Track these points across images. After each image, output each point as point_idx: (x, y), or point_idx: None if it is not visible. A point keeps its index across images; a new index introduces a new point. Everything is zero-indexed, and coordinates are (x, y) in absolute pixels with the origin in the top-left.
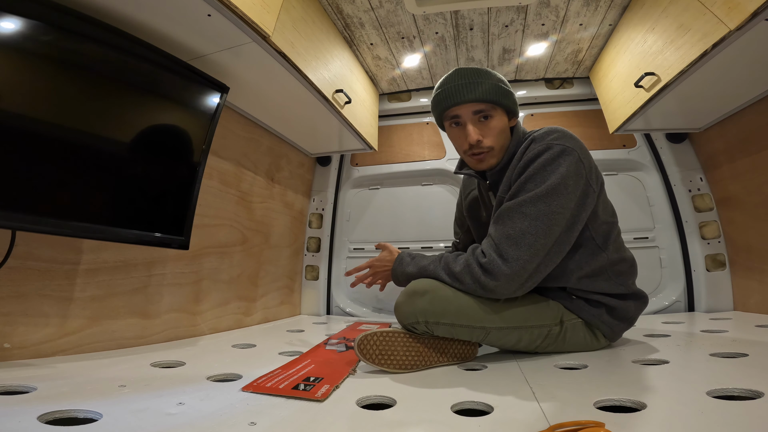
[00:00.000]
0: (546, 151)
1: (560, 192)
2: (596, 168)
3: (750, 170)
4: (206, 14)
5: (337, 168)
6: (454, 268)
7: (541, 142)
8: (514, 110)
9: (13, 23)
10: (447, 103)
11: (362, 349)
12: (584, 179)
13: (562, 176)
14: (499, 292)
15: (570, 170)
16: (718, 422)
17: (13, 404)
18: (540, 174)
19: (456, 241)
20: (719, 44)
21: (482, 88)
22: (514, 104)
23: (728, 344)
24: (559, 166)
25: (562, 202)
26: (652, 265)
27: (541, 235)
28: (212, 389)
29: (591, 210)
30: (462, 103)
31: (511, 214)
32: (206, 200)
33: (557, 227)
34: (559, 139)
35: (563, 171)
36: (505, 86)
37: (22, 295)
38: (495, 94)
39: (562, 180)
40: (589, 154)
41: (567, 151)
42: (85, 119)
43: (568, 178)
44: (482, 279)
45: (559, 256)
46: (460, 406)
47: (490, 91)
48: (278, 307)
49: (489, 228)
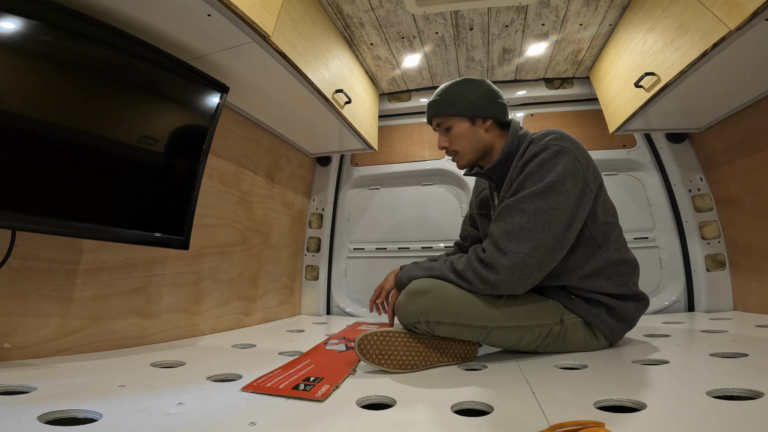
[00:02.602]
0: (543, 151)
1: (557, 189)
2: (595, 168)
3: (750, 170)
4: (206, 14)
5: (337, 168)
6: (458, 266)
7: (539, 143)
8: (470, 114)
9: (13, 23)
10: (427, 117)
11: (362, 349)
12: (581, 178)
13: (559, 174)
14: (500, 286)
15: (567, 169)
16: (718, 422)
17: (13, 404)
18: (537, 172)
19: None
20: (719, 44)
21: (435, 106)
22: (467, 108)
23: (728, 344)
24: (556, 164)
25: (559, 199)
26: (652, 265)
27: (539, 230)
28: (212, 389)
29: (589, 209)
30: (431, 118)
31: (510, 210)
32: (206, 200)
33: (556, 223)
34: (556, 140)
35: (560, 169)
36: (454, 97)
37: (22, 295)
38: (442, 109)
39: (559, 178)
40: (587, 154)
41: (564, 151)
42: (85, 119)
43: (565, 177)
44: (483, 273)
45: (559, 254)
46: (460, 406)
47: (439, 107)
48: (278, 307)
49: (489, 226)
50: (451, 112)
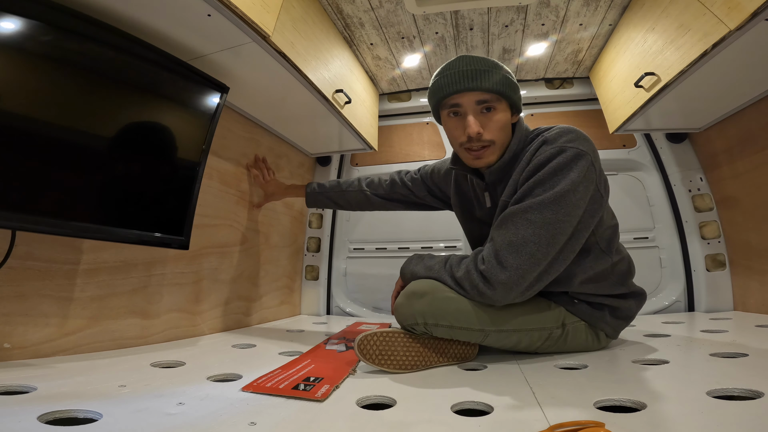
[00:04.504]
0: (559, 155)
1: (569, 200)
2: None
3: (750, 170)
4: (206, 14)
5: (337, 168)
6: (456, 273)
7: (554, 144)
8: (518, 106)
9: (13, 23)
10: (448, 90)
11: (362, 349)
12: (594, 185)
13: (572, 182)
14: (496, 300)
15: (581, 176)
16: (718, 422)
17: (13, 404)
18: (550, 179)
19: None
20: (719, 44)
21: (489, 77)
22: (520, 100)
23: (728, 344)
24: (571, 171)
25: (569, 210)
26: (652, 265)
27: (543, 244)
28: (212, 389)
29: (599, 216)
30: (465, 91)
31: (516, 219)
32: (206, 200)
33: (562, 236)
34: (574, 141)
35: (574, 177)
36: (513, 79)
37: (22, 295)
38: (503, 86)
39: (572, 186)
40: (599, 157)
41: (581, 155)
42: (85, 119)
43: (578, 185)
44: (480, 286)
45: (563, 264)
46: (460, 406)
47: (498, 81)
48: (278, 307)
49: (491, 231)
50: (510, 96)
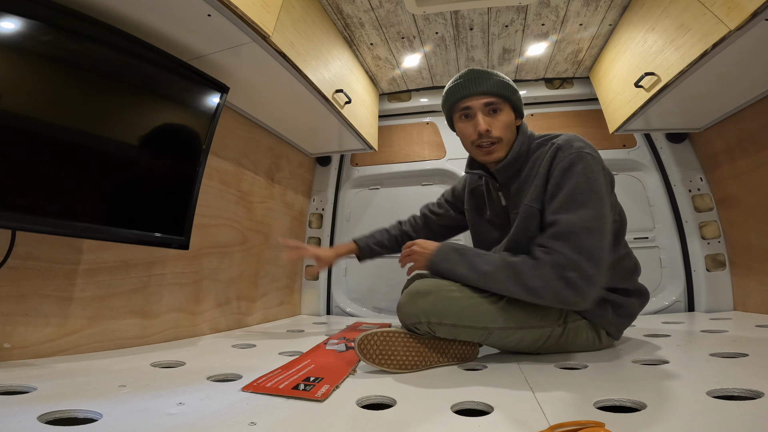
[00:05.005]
0: (580, 161)
1: (605, 199)
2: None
3: (750, 170)
4: (206, 14)
5: (337, 168)
6: (532, 283)
7: (570, 150)
8: (520, 109)
9: (13, 23)
10: (460, 94)
11: (362, 349)
12: (610, 185)
13: (601, 185)
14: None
15: (602, 178)
16: (718, 422)
17: (13, 404)
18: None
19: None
20: (719, 44)
21: (492, 81)
22: (520, 103)
23: (728, 344)
24: (597, 174)
25: (606, 208)
26: (652, 265)
27: (606, 246)
28: (212, 389)
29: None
30: (473, 94)
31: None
32: (206, 200)
33: (608, 231)
34: (585, 147)
35: (600, 179)
36: (513, 85)
37: (22, 295)
38: (504, 89)
39: (602, 188)
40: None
41: (597, 160)
42: (85, 119)
43: (603, 187)
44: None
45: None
46: (460, 406)
47: (499, 85)
48: (278, 307)
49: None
50: (512, 97)
